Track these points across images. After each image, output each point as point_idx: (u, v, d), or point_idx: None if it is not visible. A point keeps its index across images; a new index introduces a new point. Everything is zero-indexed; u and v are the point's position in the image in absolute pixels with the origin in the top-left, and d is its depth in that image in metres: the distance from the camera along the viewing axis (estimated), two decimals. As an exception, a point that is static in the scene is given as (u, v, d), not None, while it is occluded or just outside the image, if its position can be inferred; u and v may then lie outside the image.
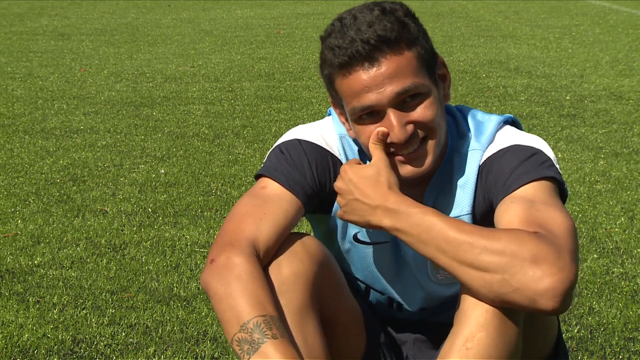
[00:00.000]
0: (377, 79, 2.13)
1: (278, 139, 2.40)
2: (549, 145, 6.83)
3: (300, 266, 2.17)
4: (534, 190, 2.14)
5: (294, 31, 14.20)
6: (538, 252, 1.95)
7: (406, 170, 2.22)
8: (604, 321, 3.63)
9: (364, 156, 2.35)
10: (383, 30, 2.12)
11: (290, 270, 2.16)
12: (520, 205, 2.10)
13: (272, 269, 2.16)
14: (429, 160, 2.21)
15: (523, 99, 8.36)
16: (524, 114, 7.65)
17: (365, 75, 2.14)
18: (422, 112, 2.17)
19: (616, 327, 3.58)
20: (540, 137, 2.32)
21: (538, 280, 1.94)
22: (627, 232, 4.68)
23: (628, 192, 5.38)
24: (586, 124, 7.25)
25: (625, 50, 11.72)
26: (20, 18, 16.28)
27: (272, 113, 7.77)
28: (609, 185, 5.53)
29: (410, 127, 2.17)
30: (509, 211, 2.11)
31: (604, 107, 7.93)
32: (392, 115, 2.16)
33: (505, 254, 1.96)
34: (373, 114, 2.17)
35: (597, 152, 6.36)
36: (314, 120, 7.47)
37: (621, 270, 4.17)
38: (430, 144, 2.20)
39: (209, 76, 9.76)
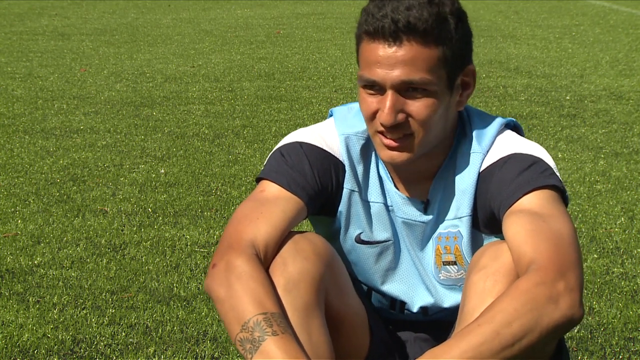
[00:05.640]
0: (391, 60, 2.15)
1: (278, 139, 2.41)
2: (549, 145, 6.80)
3: (306, 264, 2.17)
4: (536, 200, 2.16)
5: (294, 31, 14.20)
6: (549, 299, 2.00)
7: (384, 154, 2.24)
8: (604, 321, 3.63)
9: (367, 156, 2.36)
10: (415, 19, 2.13)
11: (295, 268, 2.16)
12: (524, 218, 2.13)
13: (278, 267, 2.17)
14: (407, 155, 2.22)
15: (523, 99, 8.36)
16: (524, 114, 7.65)
17: (382, 51, 2.16)
18: (419, 107, 2.18)
19: (616, 327, 3.58)
20: (540, 137, 2.34)
21: (559, 317, 2.01)
22: (627, 232, 4.68)
23: (628, 192, 5.39)
24: (586, 124, 7.26)
25: (625, 50, 11.72)
26: (20, 18, 16.28)
27: (272, 113, 7.77)
28: (609, 185, 5.53)
29: (401, 116, 2.18)
30: (514, 225, 2.14)
31: (604, 107, 7.93)
32: (389, 97, 2.17)
33: (526, 315, 1.99)
34: (376, 88, 2.19)
35: (597, 152, 6.37)
36: (314, 120, 7.50)
37: (621, 270, 4.17)
38: (415, 142, 2.21)
39: (209, 76, 9.76)
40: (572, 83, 9.18)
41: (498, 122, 2.32)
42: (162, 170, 5.89)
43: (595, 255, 4.33)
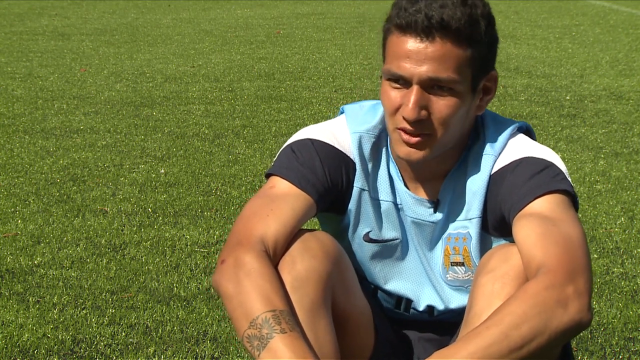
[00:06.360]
0: (420, 55, 2.15)
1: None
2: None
3: (314, 262, 2.17)
4: (547, 204, 2.17)
5: (294, 31, 14.20)
6: (558, 302, 2.00)
7: (402, 150, 2.23)
8: (604, 321, 3.64)
9: (378, 154, 2.36)
10: (449, 17, 2.14)
11: (303, 266, 2.16)
12: (535, 221, 2.13)
13: (286, 265, 2.17)
14: (424, 153, 2.22)
15: (523, 99, 8.36)
16: (524, 114, 7.66)
17: (412, 45, 2.16)
18: (442, 106, 2.18)
19: (616, 327, 3.58)
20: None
21: (568, 321, 2.01)
22: (627, 232, 4.69)
23: (628, 192, 5.39)
24: (586, 124, 7.26)
25: (625, 50, 11.73)
26: (20, 18, 16.29)
27: (272, 113, 7.77)
28: (609, 185, 5.53)
29: (424, 113, 2.18)
30: (524, 228, 2.14)
31: (604, 107, 7.93)
32: (414, 92, 2.17)
33: (534, 319, 1.99)
34: (401, 82, 2.19)
35: (597, 152, 6.37)
36: (314, 120, 7.50)
37: (621, 270, 4.17)
38: (432, 141, 2.21)
39: (209, 76, 9.76)
40: (572, 83, 9.18)
41: (511, 125, 2.33)
42: (162, 170, 5.89)
43: (595, 255, 4.33)
